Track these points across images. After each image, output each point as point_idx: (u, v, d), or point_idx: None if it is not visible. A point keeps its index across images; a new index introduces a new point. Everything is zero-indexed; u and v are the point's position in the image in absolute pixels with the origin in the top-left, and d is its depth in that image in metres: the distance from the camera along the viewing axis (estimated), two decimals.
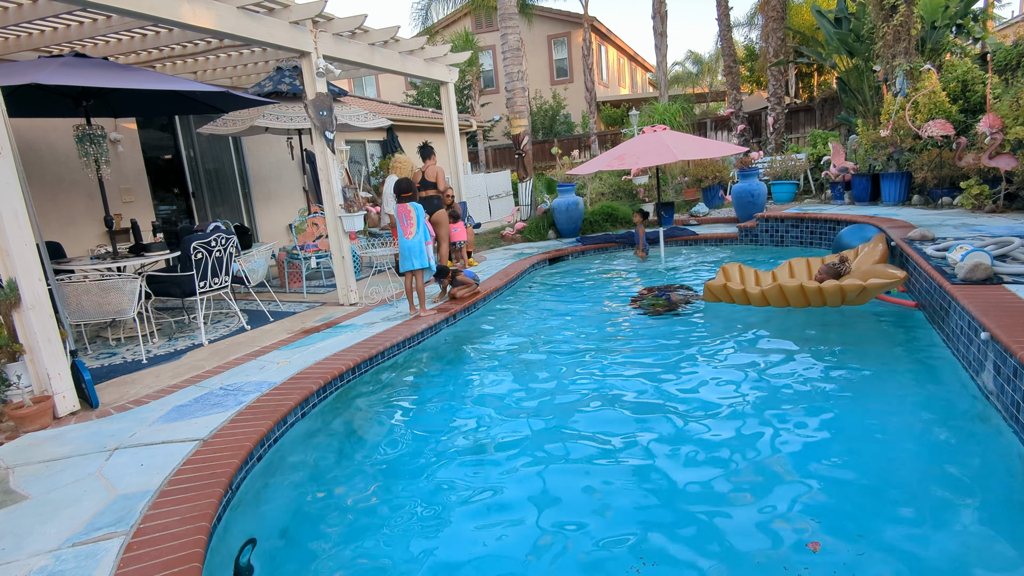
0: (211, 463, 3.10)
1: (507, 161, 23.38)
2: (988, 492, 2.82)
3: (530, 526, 2.89)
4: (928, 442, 3.34)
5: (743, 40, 26.28)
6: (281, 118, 7.78)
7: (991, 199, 7.32)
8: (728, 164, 13.04)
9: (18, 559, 2.43)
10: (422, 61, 8.65)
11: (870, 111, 11.07)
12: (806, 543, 2.56)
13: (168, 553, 2.36)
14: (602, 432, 3.76)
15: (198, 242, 5.59)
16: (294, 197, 11.41)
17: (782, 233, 9.17)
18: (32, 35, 6.42)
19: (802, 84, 21.55)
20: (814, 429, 3.58)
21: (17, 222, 3.80)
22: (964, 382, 3.85)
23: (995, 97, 7.78)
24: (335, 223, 6.76)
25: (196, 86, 5.71)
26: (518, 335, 5.94)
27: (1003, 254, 4.75)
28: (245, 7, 5.56)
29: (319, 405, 4.24)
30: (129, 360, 5.31)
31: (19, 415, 3.75)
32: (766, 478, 3.11)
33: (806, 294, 5.18)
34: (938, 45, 10.36)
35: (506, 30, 11.90)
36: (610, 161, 8.39)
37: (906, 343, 4.85)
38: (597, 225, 11.13)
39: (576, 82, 26.23)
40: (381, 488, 3.34)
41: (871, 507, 2.79)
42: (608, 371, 4.77)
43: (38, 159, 7.37)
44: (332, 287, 8.07)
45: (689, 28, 71.76)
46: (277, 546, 2.87)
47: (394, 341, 5.20)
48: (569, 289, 7.86)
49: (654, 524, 2.82)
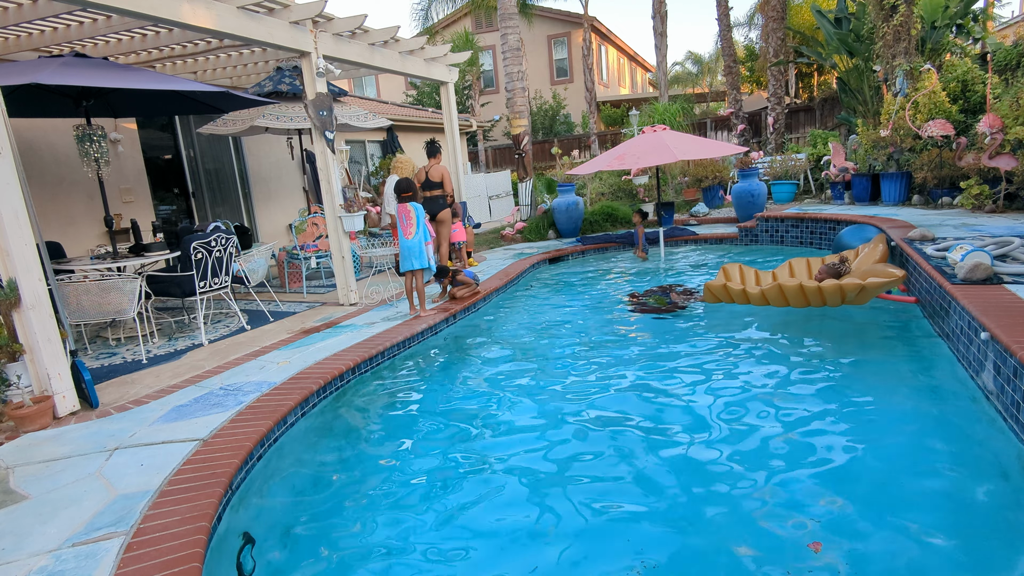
0: (211, 463, 3.11)
1: (507, 161, 23.38)
2: (987, 492, 2.82)
3: (530, 525, 2.90)
4: (927, 442, 3.33)
5: (743, 40, 26.34)
6: (281, 118, 7.78)
7: (991, 199, 7.32)
8: (728, 164, 13.04)
9: (18, 559, 2.43)
10: (422, 61, 8.65)
11: (870, 111, 11.08)
12: (807, 543, 2.56)
13: (168, 553, 2.36)
14: (602, 432, 3.76)
15: (198, 242, 5.59)
16: (294, 197, 11.41)
17: (782, 233, 9.17)
18: (32, 35, 6.42)
19: (802, 84, 21.56)
20: (813, 428, 3.58)
21: (17, 222, 3.80)
22: (964, 381, 3.85)
23: (995, 97, 7.78)
24: (335, 223, 6.77)
25: (196, 86, 5.71)
26: (518, 335, 5.94)
27: (1003, 254, 4.75)
28: (245, 7, 5.56)
29: (319, 405, 4.25)
30: (129, 360, 5.31)
31: (19, 415, 3.75)
32: (766, 477, 3.11)
33: (805, 294, 5.18)
34: (938, 45, 10.37)
35: (506, 30, 11.91)
36: (610, 161, 8.39)
37: (905, 343, 4.85)
38: (597, 225, 11.13)
39: (576, 82, 26.24)
40: (381, 488, 3.35)
41: (873, 507, 2.78)
42: (608, 371, 4.77)
43: (38, 159, 7.37)
44: (332, 287, 8.07)
45: (689, 28, 71.86)
46: (277, 546, 2.87)
47: (394, 341, 5.20)
48: (569, 289, 7.86)
49: (654, 524, 2.82)
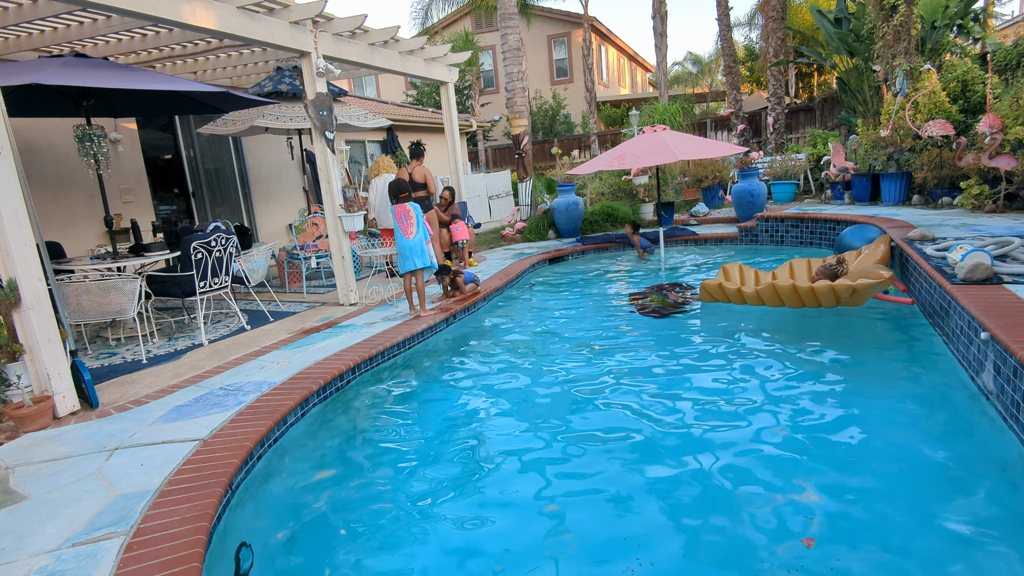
0: (211, 463, 3.11)
1: (507, 161, 23.37)
2: (987, 492, 2.82)
3: (528, 524, 2.90)
4: (925, 441, 3.33)
5: (743, 40, 26.32)
6: (281, 118, 7.78)
7: (991, 199, 7.32)
8: (728, 164, 13.04)
9: (18, 559, 2.43)
10: (422, 61, 8.65)
11: (870, 111, 11.07)
12: (800, 539, 2.57)
13: (168, 553, 2.36)
14: (601, 431, 3.77)
15: (198, 242, 5.59)
16: (294, 197, 11.41)
17: (782, 233, 9.17)
18: (32, 35, 6.42)
19: (802, 84, 21.54)
20: (812, 427, 3.58)
21: (17, 222, 3.80)
22: (963, 382, 3.85)
23: (995, 97, 7.78)
24: (335, 223, 6.77)
25: (196, 86, 5.71)
26: (518, 335, 5.94)
27: (1003, 254, 4.75)
28: (245, 7, 5.56)
29: (319, 405, 4.25)
30: (129, 360, 5.31)
31: (19, 415, 3.75)
32: (761, 474, 3.11)
33: (799, 294, 5.19)
34: (938, 45, 10.37)
35: (506, 30, 11.91)
36: (610, 161, 8.39)
37: (905, 343, 4.85)
38: (597, 225, 11.12)
39: (576, 82, 26.24)
40: (381, 488, 3.35)
41: (872, 507, 2.78)
42: (607, 371, 4.77)
43: (38, 159, 7.37)
44: (332, 287, 8.07)
45: (689, 28, 71.82)
46: (277, 546, 2.87)
47: (394, 341, 5.20)
48: (569, 289, 7.86)
49: (651, 522, 2.83)
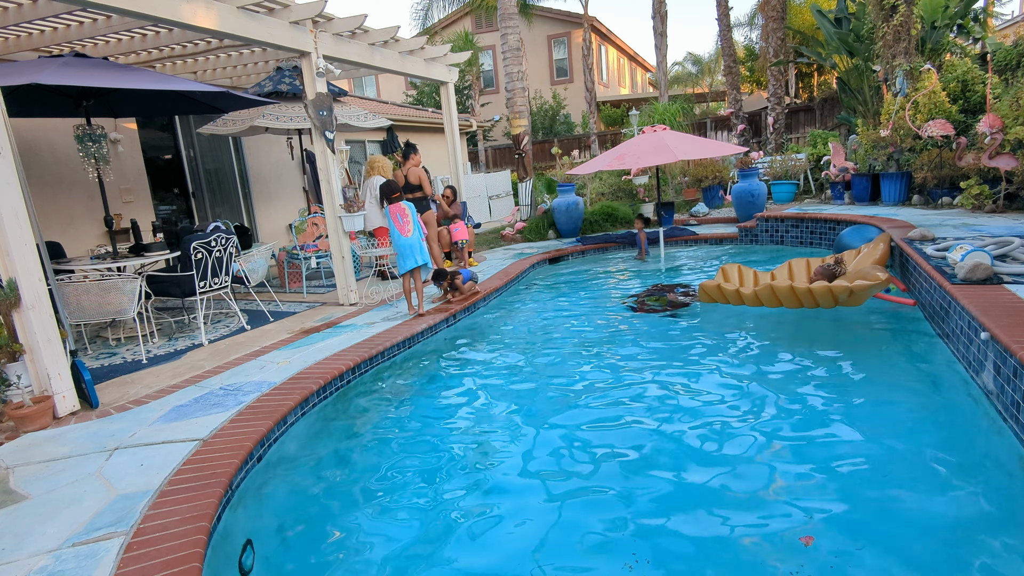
0: (211, 463, 3.10)
1: (507, 161, 23.36)
2: (986, 491, 2.82)
3: (527, 523, 2.90)
4: (925, 441, 3.33)
5: (743, 40, 26.32)
6: (281, 118, 7.78)
7: (991, 199, 7.31)
8: (728, 164, 13.04)
9: (18, 559, 2.43)
10: (422, 61, 8.65)
11: (870, 111, 11.07)
12: (799, 537, 2.57)
13: (168, 553, 2.36)
14: (599, 431, 3.77)
15: (198, 242, 5.59)
16: (294, 197, 11.41)
17: (782, 233, 9.17)
18: (32, 35, 6.42)
19: (802, 84, 21.54)
20: (811, 426, 3.58)
21: (17, 222, 3.80)
22: (964, 381, 3.85)
23: (995, 97, 7.78)
24: (335, 223, 6.77)
25: (196, 86, 5.71)
26: (517, 335, 5.94)
27: (1003, 254, 4.75)
28: (245, 7, 5.56)
29: (319, 405, 4.24)
30: (129, 360, 5.31)
31: (19, 415, 3.75)
32: (759, 474, 3.12)
33: (797, 295, 5.19)
34: (938, 45, 10.36)
35: (506, 30, 11.91)
36: (610, 161, 8.39)
37: (905, 343, 4.85)
38: (597, 225, 11.13)
39: (576, 82, 26.24)
40: (380, 488, 3.35)
41: (871, 506, 2.78)
42: (607, 371, 4.77)
43: (38, 159, 7.37)
44: (332, 287, 8.07)
45: (689, 28, 71.87)
46: (276, 546, 2.87)
47: (394, 341, 5.20)
48: (569, 289, 7.86)
49: (648, 521, 2.83)
